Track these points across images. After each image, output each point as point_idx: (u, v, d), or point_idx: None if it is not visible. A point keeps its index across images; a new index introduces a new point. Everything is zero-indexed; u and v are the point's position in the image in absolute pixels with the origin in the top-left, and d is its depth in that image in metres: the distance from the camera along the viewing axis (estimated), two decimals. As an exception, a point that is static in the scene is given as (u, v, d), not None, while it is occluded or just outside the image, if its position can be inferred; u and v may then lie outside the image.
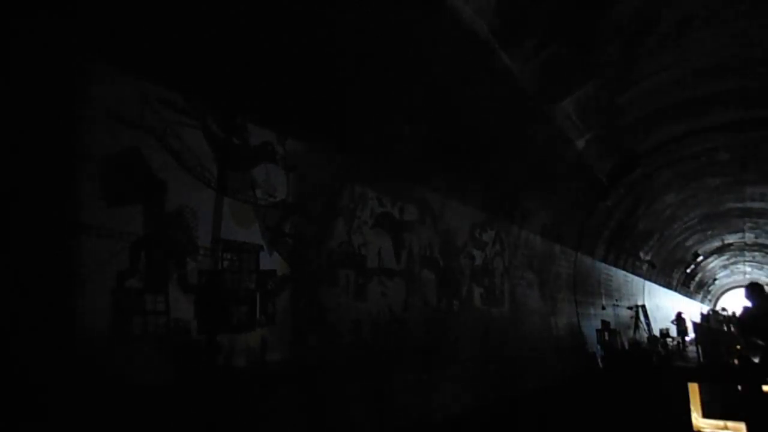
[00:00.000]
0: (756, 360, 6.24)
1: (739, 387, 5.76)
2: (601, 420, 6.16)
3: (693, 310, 25.91)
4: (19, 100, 2.71)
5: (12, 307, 2.58)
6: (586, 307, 13.04)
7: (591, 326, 12.50)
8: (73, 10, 2.84)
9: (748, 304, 6.76)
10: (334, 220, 5.05)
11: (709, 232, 20.03)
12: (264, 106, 4.19)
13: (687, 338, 16.06)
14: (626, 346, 12.84)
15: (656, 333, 15.93)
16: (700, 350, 10.05)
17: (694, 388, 5.91)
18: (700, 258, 24.70)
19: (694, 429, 5.68)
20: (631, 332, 15.35)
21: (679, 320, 16.55)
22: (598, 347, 11.60)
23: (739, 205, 15.76)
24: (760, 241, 21.14)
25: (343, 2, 4.08)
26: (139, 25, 3.17)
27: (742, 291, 7.08)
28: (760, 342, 6.28)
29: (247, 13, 3.63)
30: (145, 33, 3.23)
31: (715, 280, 34.07)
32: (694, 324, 11.78)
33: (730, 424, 5.66)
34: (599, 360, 11.06)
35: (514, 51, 5.66)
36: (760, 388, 5.38)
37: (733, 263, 28.36)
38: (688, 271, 26.16)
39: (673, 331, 16.64)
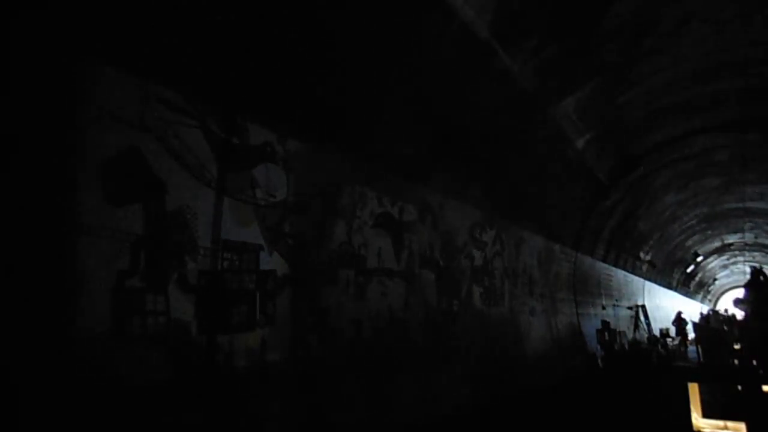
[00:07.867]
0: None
1: (739, 387, 5.76)
2: (601, 420, 6.16)
3: (693, 310, 25.90)
4: (19, 100, 2.71)
5: (12, 306, 2.58)
6: (586, 306, 13.04)
7: (591, 326, 12.49)
8: (72, 10, 2.84)
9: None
10: (334, 220, 5.05)
11: (709, 232, 20.04)
12: (264, 106, 4.19)
13: (687, 338, 16.05)
14: (626, 346, 12.83)
15: (656, 333, 15.92)
16: (700, 350, 10.06)
17: (694, 388, 5.91)
18: (700, 258, 24.71)
19: (694, 429, 5.68)
20: (631, 332, 15.34)
21: (680, 320, 16.54)
22: (598, 347, 11.60)
23: (739, 205, 15.76)
24: (760, 241, 21.15)
25: (344, 3, 4.09)
26: (139, 26, 3.17)
27: (741, 291, 7.09)
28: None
29: (248, 15, 3.63)
30: (146, 34, 3.23)
31: (715, 280, 34.08)
32: (694, 324, 11.79)
33: (730, 424, 5.66)
34: (599, 360, 11.05)
35: (514, 51, 5.66)
36: (760, 388, 5.38)
37: (733, 263, 28.37)
38: (688, 271, 26.17)
39: (673, 331, 16.63)
